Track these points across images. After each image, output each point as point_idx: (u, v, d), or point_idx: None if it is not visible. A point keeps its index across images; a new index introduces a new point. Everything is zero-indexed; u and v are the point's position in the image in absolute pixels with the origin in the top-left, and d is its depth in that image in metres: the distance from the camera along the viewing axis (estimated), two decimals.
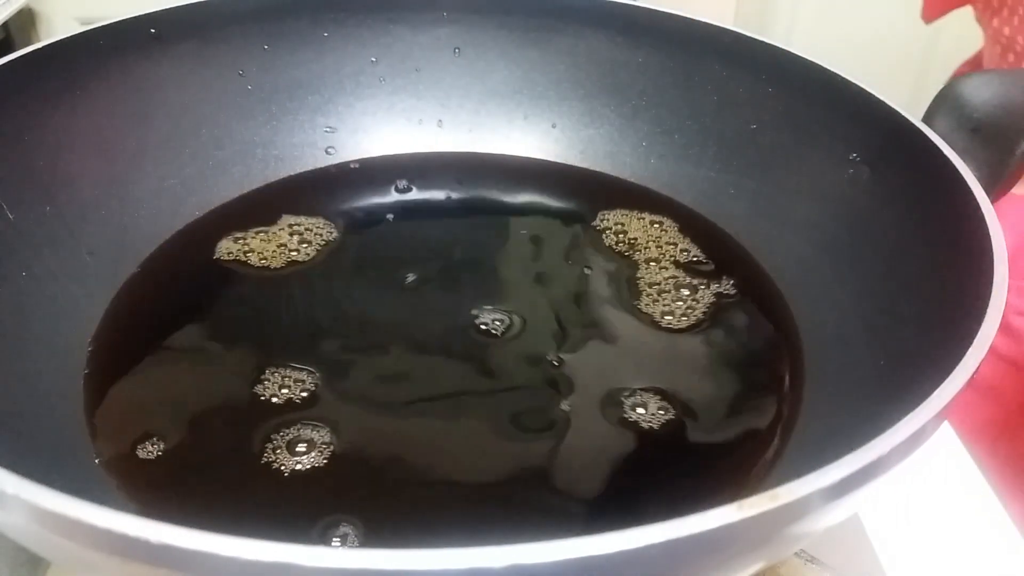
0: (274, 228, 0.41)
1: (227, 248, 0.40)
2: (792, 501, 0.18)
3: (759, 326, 0.37)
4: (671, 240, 0.41)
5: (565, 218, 0.44)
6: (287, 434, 0.31)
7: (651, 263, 0.40)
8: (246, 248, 0.40)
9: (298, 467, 0.30)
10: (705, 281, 0.39)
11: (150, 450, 0.30)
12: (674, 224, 0.42)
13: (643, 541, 0.16)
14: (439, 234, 0.43)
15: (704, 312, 0.38)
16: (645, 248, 0.41)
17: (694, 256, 0.40)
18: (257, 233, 0.41)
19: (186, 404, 0.32)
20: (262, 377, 0.33)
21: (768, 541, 0.20)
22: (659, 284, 0.39)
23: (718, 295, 0.38)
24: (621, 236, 0.41)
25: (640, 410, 0.33)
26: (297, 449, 0.30)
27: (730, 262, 0.40)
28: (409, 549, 0.16)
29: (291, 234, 0.41)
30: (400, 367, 0.35)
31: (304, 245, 0.40)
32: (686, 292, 0.38)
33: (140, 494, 0.28)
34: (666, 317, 0.37)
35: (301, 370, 0.33)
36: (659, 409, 0.33)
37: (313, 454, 0.30)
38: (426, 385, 0.34)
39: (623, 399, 0.33)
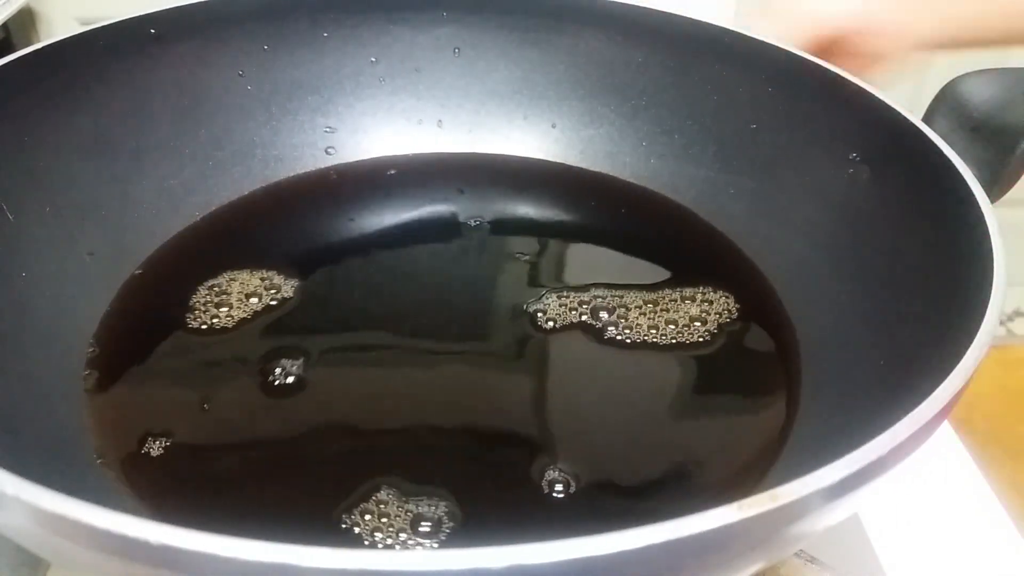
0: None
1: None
2: (792, 501, 0.18)
3: (758, 326, 0.37)
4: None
5: (565, 222, 0.44)
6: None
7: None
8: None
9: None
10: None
11: (150, 450, 0.30)
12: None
13: (643, 541, 0.16)
14: (438, 235, 0.43)
15: (703, 313, 0.37)
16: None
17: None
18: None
19: (186, 404, 0.32)
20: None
21: (768, 541, 0.20)
22: (658, 285, 0.39)
23: (717, 296, 0.38)
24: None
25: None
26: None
27: (729, 262, 0.40)
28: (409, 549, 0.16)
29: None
30: (400, 363, 0.35)
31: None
32: (686, 293, 0.38)
33: (140, 494, 0.29)
34: (666, 317, 0.37)
35: (300, 367, 0.33)
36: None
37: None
38: (429, 380, 0.34)
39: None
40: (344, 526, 0.27)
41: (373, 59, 0.46)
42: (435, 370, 0.35)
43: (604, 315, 0.37)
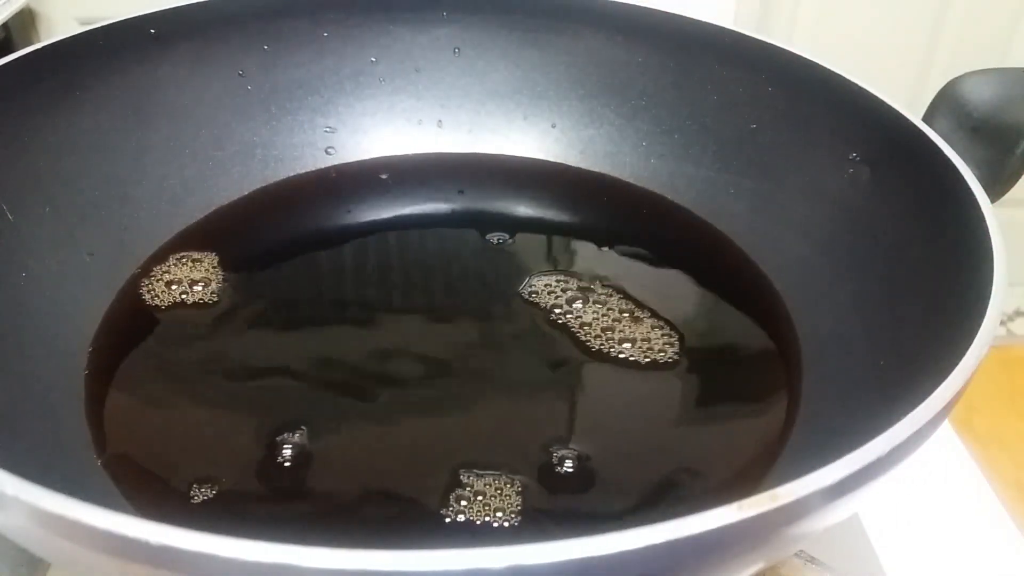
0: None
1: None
2: (792, 501, 0.18)
3: (759, 326, 0.37)
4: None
5: (565, 222, 0.44)
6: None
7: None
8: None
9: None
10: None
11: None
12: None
13: (643, 541, 0.16)
14: (438, 235, 0.43)
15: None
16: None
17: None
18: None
19: (186, 404, 0.32)
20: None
21: (768, 541, 0.20)
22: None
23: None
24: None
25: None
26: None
27: (729, 262, 0.40)
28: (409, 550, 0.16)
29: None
30: (399, 364, 0.35)
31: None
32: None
33: (140, 495, 0.28)
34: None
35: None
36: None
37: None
38: (432, 389, 0.34)
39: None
40: (349, 526, 0.27)
41: (373, 59, 0.46)
42: (435, 370, 0.35)
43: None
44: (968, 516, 0.37)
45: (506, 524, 0.28)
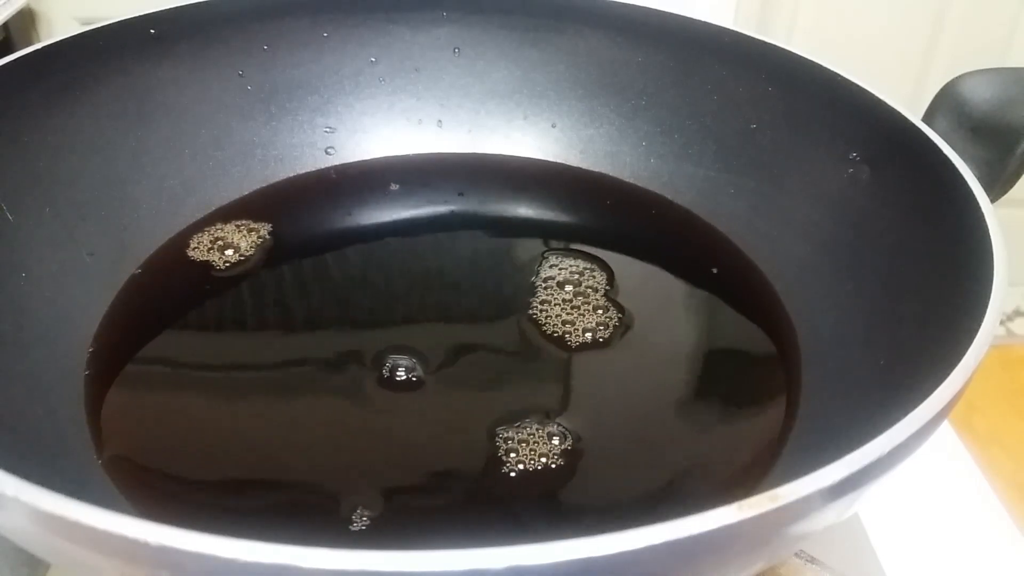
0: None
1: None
2: (792, 501, 0.18)
3: (758, 326, 0.37)
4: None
5: (565, 222, 0.44)
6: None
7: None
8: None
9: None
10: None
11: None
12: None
13: (643, 542, 0.16)
14: (438, 236, 0.43)
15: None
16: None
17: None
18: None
19: (186, 404, 0.32)
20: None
21: (768, 541, 0.20)
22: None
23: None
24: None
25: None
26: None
27: (729, 262, 0.40)
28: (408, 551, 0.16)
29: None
30: (398, 363, 0.35)
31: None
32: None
33: (140, 495, 0.28)
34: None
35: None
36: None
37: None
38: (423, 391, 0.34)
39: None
40: (352, 528, 0.27)
41: (373, 59, 0.46)
42: (434, 369, 0.35)
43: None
44: (968, 516, 0.37)
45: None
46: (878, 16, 1.00)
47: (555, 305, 0.37)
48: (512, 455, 0.30)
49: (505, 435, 0.31)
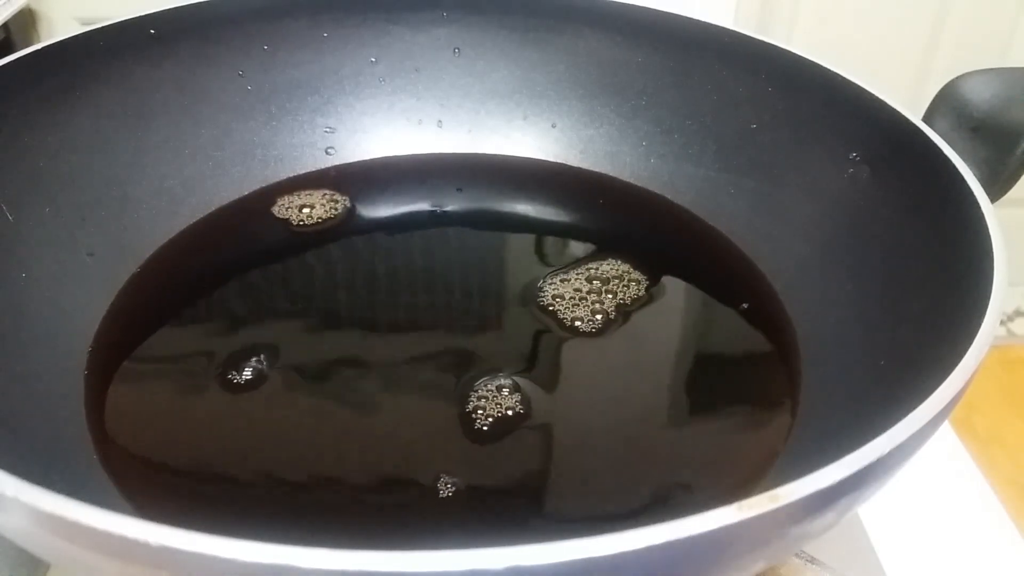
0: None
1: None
2: (792, 502, 0.18)
3: (758, 326, 0.37)
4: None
5: (565, 222, 0.44)
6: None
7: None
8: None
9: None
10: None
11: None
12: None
13: (643, 542, 0.16)
14: (438, 236, 0.43)
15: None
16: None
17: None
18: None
19: (186, 404, 0.32)
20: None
21: (768, 542, 0.20)
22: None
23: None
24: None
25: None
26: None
27: (729, 262, 0.40)
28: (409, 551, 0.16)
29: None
30: (398, 363, 0.35)
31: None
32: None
33: (140, 495, 0.28)
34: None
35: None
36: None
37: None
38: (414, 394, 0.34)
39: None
40: (352, 528, 0.27)
41: (373, 59, 0.46)
42: (434, 369, 0.35)
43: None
44: (968, 516, 0.37)
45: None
46: (878, 16, 1.00)
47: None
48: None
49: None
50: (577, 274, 0.39)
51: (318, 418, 0.32)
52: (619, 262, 0.40)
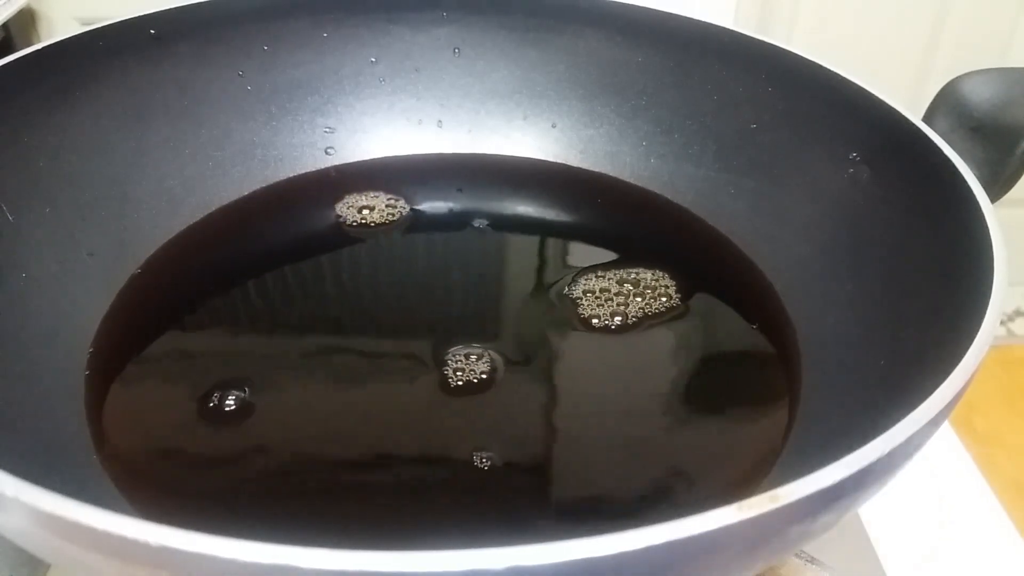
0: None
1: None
2: (792, 502, 0.18)
3: (758, 326, 0.37)
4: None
5: (565, 222, 0.44)
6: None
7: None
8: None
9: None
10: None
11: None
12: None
13: (643, 542, 0.16)
14: (438, 235, 0.43)
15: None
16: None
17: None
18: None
19: (186, 405, 0.32)
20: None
21: (768, 542, 0.20)
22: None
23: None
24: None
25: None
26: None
27: (729, 262, 0.40)
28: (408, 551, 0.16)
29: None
30: (398, 363, 0.35)
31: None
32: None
33: (141, 495, 0.28)
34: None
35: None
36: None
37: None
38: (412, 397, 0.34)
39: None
40: (354, 528, 0.27)
41: (373, 59, 0.46)
42: (433, 369, 0.35)
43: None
44: (968, 516, 0.37)
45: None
46: (878, 16, 1.00)
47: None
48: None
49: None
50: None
51: (319, 418, 0.32)
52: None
